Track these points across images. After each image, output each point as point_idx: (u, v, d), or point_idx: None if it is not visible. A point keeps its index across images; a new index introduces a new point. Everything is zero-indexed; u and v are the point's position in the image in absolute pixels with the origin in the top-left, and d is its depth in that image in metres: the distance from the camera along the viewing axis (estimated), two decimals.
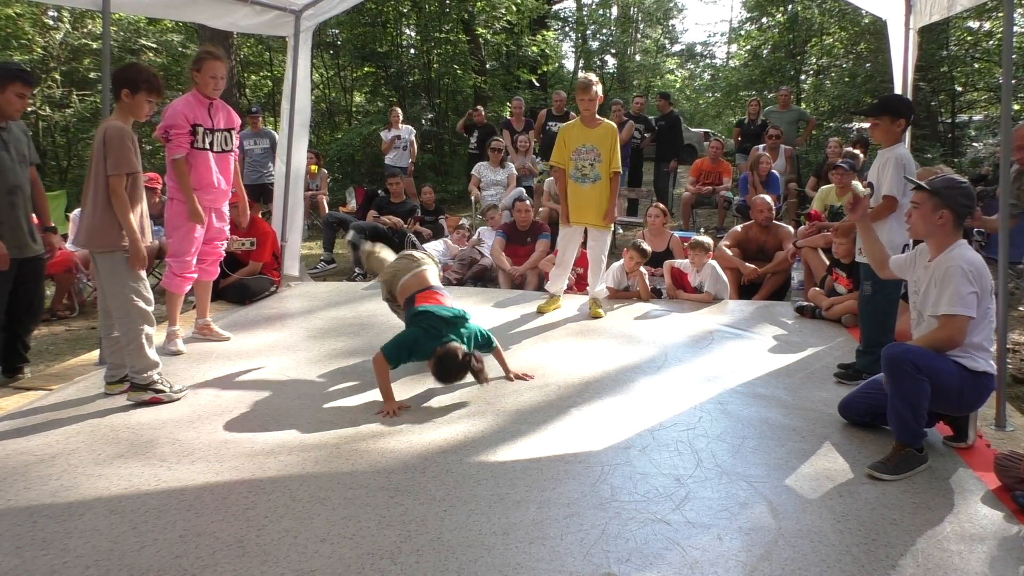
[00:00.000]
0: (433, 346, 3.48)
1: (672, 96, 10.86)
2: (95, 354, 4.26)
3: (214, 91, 4.20)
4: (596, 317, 5.16)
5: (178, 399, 3.55)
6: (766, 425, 3.30)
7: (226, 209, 4.55)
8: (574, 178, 5.03)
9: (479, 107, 10.22)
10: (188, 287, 4.45)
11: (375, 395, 3.64)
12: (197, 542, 2.33)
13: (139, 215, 3.51)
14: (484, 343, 3.76)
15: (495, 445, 3.07)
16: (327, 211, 9.02)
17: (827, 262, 5.52)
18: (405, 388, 3.75)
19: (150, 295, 3.54)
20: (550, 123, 9.31)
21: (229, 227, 4.67)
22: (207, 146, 4.23)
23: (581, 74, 5.03)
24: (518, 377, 3.90)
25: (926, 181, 3.04)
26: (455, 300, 4.41)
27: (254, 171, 8.68)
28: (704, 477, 2.80)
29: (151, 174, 6.49)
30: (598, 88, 4.91)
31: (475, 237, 7.14)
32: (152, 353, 3.52)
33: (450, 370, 3.45)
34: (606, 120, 5.06)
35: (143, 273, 3.51)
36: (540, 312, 5.25)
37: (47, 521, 2.46)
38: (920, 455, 2.85)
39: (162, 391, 3.53)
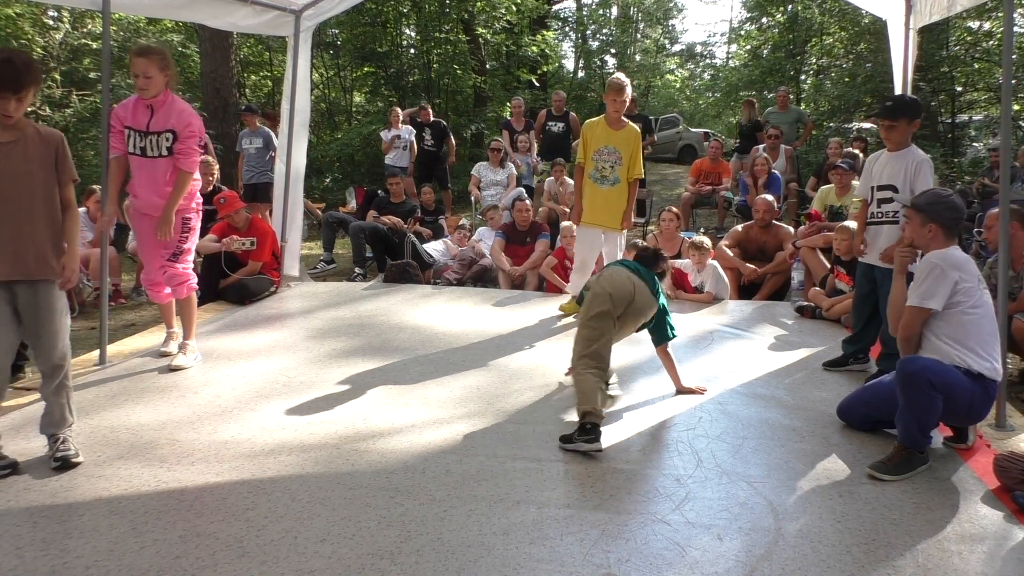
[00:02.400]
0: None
1: (638, 99, 10.95)
2: (95, 354, 4.27)
3: (141, 91, 3.86)
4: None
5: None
6: (766, 425, 3.30)
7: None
8: (593, 178, 4.95)
9: (426, 105, 10.12)
10: (163, 299, 4.27)
11: (375, 396, 3.64)
12: (197, 542, 2.33)
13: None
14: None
15: (495, 445, 3.07)
16: (315, 210, 9.01)
17: (826, 263, 5.52)
18: (405, 387, 3.75)
19: None
20: (550, 123, 9.31)
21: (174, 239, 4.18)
22: (136, 150, 3.94)
23: (615, 75, 4.91)
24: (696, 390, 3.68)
25: (911, 199, 3.20)
26: (455, 300, 4.43)
27: (249, 170, 8.67)
28: (704, 477, 2.80)
29: None
30: (630, 91, 4.86)
31: (475, 237, 7.13)
32: None
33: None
34: (631, 123, 4.97)
35: None
36: (563, 311, 5.19)
37: (47, 521, 2.46)
38: (921, 456, 2.85)
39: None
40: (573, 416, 3.38)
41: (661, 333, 3.60)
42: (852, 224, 5.06)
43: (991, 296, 3.08)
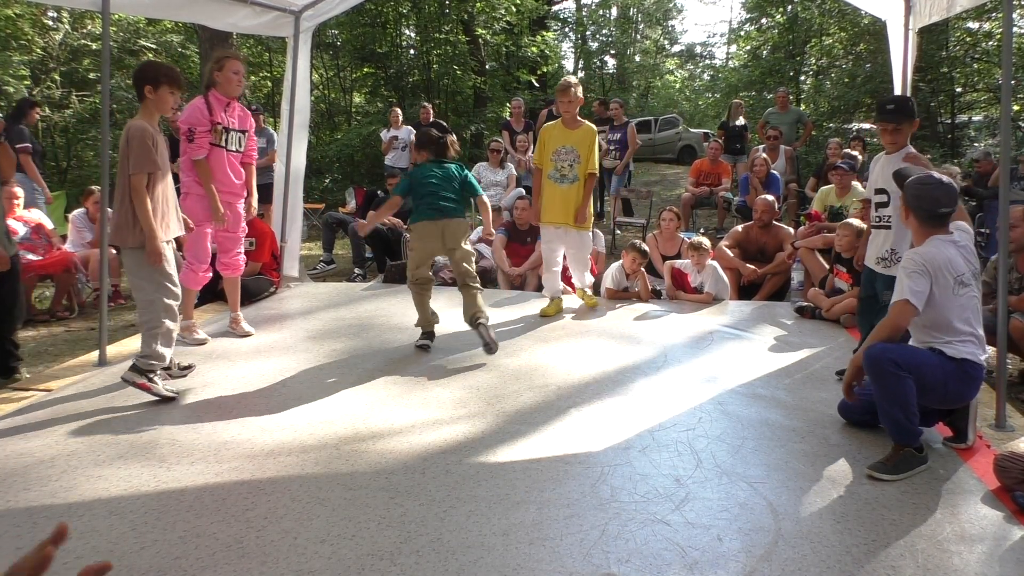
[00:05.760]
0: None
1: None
2: (95, 355, 4.26)
3: (236, 88, 4.28)
4: (592, 306, 5.27)
5: (168, 395, 3.55)
6: (766, 426, 3.30)
7: (241, 208, 4.60)
8: (553, 178, 5.04)
9: (426, 104, 10.02)
10: (202, 284, 4.54)
11: (375, 396, 3.64)
12: (197, 543, 2.33)
13: (168, 210, 3.61)
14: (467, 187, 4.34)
15: (495, 446, 3.07)
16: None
17: (825, 264, 5.52)
18: (405, 387, 3.75)
19: (177, 290, 3.59)
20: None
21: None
22: (224, 144, 4.31)
23: (564, 77, 5.02)
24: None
25: (908, 179, 3.05)
26: (455, 300, 4.42)
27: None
28: (704, 478, 2.80)
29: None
30: (578, 90, 4.91)
31: (471, 236, 7.10)
32: (162, 347, 3.54)
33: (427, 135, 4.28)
34: (586, 122, 5.07)
35: (169, 268, 3.53)
36: (543, 315, 5.22)
37: (47, 522, 2.46)
38: (920, 455, 2.85)
39: (155, 383, 3.54)
40: (575, 416, 3.39)
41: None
42: (854, 221, 5.07)
43: (979, 290, 3.05)
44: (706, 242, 5.69)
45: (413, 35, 16.33)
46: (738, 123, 9.87)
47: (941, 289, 2.85)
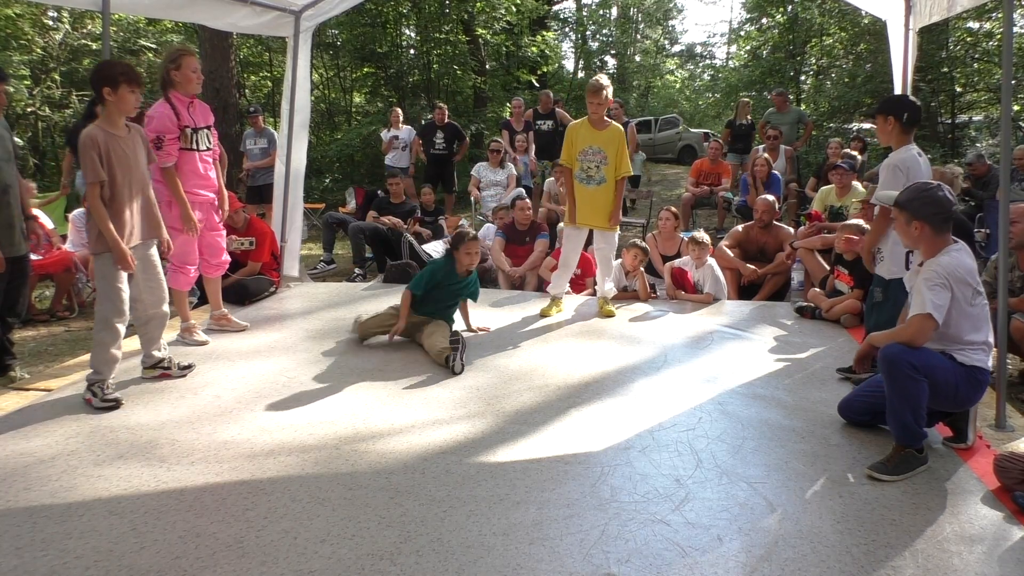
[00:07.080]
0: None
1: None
2: None
3: (196, 87, 4.12)
4: (608, 316, 5.19)
5: (108, 405, 3.44)
6: (766, 426, 3.30)
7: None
8: (579, 179, 5.02)
9: (442, 105, 9.99)
10: (191, 284, 4.49)
11: (375, 396, 3.64)
12: (197, 543, 2.33)
13: (133, 215, 3.51)
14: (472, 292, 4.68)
15: (495, 446, 3.07)
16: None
17: (825, 264, 5.52)
18: (405, 387, 3.75)
19: (122, 304, 3.45)
20: (538, 122, 9.35)
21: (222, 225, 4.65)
22: (195, 145, 4.18)
23: (594, 77, 4.96)
24: (479, 330, 4.80)
25: (896, 197, 3.03)
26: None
27: (256, 170, 8.67)
28: (704, 478, 2.80)
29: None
30: (608, 91, 4.88)
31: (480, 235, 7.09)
32: (98, 362, 3.47)
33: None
34: (614, 123, 5.04)
35: (119, 282, 3.43)
36: (543, 315, 5.22)
37: (47, 522, 2.46)
38: (920, 456, 2.85)
39: (95, 395, 3.46)
40: (575, 416, 3.39)
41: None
42: (855, 222, 5.06)
43: (987, 292, 3.06)
44: (705, 236, 5.69)
45: (413, 35, 16.33)
46: (745, 122, 9.85)
47: (960, 301, 2.85)
